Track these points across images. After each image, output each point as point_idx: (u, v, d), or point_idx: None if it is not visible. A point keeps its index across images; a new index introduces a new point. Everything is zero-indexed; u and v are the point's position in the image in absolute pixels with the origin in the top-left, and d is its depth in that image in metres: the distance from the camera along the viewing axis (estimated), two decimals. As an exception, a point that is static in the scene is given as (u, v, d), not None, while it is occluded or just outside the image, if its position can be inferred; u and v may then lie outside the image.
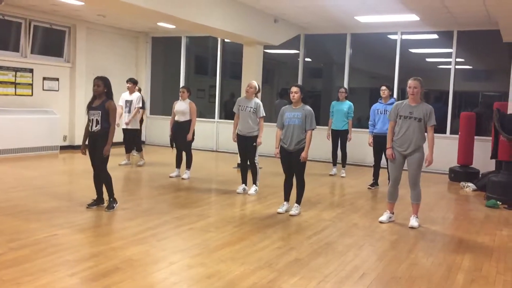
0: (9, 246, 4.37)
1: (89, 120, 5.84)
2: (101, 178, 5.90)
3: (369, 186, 8.26)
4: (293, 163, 6.02)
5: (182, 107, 8.28)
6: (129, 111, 9.42)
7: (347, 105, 9.21)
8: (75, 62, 11.74)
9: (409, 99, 5.68)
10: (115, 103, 6.00)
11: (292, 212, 6.02)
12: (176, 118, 8.35)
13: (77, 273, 3.82)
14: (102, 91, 5.78)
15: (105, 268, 3.93)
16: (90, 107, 5.83)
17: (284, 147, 6.05)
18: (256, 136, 7.15)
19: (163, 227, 5.29)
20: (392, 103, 7.51)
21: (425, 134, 5.67)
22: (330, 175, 9.38)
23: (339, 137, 9.30)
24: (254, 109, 7.12)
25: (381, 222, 5.85)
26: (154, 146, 12.98)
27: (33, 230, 4.94)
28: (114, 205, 5.92)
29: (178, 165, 8.45)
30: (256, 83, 7.33)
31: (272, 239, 4.99)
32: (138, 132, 9.86)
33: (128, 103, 9.46)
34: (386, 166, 7.84)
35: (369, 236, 5.30)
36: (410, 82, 5.62)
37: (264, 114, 7.21)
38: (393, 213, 6.01)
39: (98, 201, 6.03)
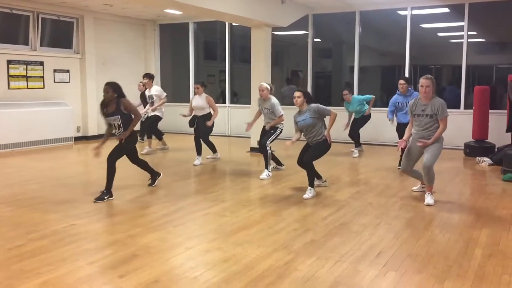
0: (28, 238, 4.45)
1: (112, 125, 5.89)
2: (108, 167, 5.82)
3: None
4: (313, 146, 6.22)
5: (200, 102, 8.35)
6: (152, 104, 9.48)
7: (357, 100, 9.24)
8: (85, 52, 11.78)
9: (421, 97, 5.69)
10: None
11: (305, 196, 6.01)
12: (195, 113, 8.46)
13: (96, 261, 3.88)
14: (112, 96, 5.77)
15: (123, 256, 3.99)
16: (106, 114, 5.82)
17: (308, 142, 6.30)
18: (277, 128, 7.37)
19: (178, 213, 5.33)
20: (411, 94, 7.68)
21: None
22: (354, 157, 9.28)
23: (357, 121, 9.39)
24: (271, 110, 7.30)
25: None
26: (166, 133, 13.01)
27: (51, 221, 5.02)
28: (105, 197, 5.80)
29: (199, 152, 8.47)
30: (265, 84, 7.43)
31: (288, 221, 5.00)
32: (159, 119, 9.83)
33: (151, 98, 9.49)
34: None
35: (384, 214, 5.28)
36: (422, 81, 5.63)
37: (282, 113, 7.35)
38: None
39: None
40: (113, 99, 5.79)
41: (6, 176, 7.50)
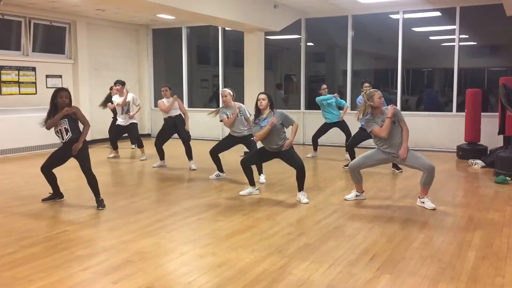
0: (21, 244, 4.41)
1: (56, 131, 5.72)
2: (88, 179, 5.75)
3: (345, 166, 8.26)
4: (283, 156, 6.07)
5: (167, 104, 8.46)
6: (127, 112, 9.34)
7: (332, 97, 9.24)
8: (77, 58, 11.74)
9: (375, 112, 5.67)
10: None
11: (306, 200, 5.96)
12: (169, 115, 8.46)
13: (89, 267, 3.85)
14: (68, 104, 5.67)
15: (117, 262, 3.96)
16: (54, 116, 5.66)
17: (267, 149, 6.17)
18: (250, 135, 7.20)
19: (172, 218, 5.31)
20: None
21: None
22: (308, 157, 9.39)
23: (337, 127, 9.28)
24: (241, 114, 7.25)
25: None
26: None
27: (43, 227, 4.99)
28: (104, 203, 5.76)
29: (190, 157, 8.45)
30: (228, 90, 7.33)
31: (282, 226, 5.00)
32: (137, 126, 9.77)
33: (126, 105, 9.34)
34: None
35: (378, 218, 5.29)
36: (376, 100, 5.59)
37: (249, 115, 7.24)
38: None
39: (55, 196, 6.06)
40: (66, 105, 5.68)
41: (-2, 182, 7.45)
